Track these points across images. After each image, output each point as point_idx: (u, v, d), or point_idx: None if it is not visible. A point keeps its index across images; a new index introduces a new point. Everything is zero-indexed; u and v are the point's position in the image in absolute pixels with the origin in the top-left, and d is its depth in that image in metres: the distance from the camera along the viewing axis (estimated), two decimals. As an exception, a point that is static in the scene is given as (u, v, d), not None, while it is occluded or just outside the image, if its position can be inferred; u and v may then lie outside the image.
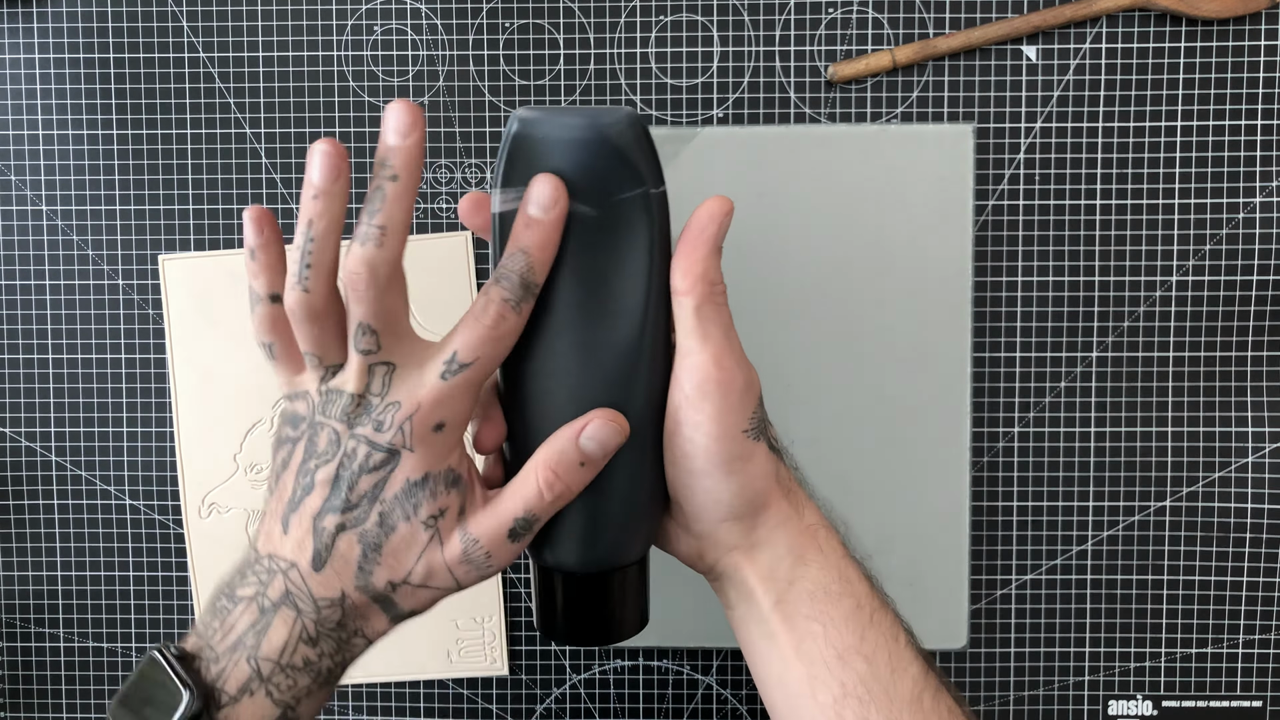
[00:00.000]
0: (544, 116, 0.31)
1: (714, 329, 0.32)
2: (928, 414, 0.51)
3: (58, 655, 0.54)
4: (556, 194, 0.31)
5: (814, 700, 0.33)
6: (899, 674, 0.33)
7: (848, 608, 0.33)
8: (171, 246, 0.52)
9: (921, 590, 0.51)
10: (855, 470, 0.51)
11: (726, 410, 0.32)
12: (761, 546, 0.34)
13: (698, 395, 0.32)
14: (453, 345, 0.31)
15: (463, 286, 0.52)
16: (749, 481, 0.33)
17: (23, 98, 0.52)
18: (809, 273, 0.50)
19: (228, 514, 0.52)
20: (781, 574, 0.34)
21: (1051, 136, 0.51)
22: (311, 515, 0.32)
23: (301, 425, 0.33)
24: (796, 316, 0.51)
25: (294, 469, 0.33)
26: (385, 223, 0.30)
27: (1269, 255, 0.51)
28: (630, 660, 0.53)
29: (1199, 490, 0.51)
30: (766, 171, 0.50)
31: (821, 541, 0.34)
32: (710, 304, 0.32)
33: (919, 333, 0.50)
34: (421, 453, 0.31)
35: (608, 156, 0.31)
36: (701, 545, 0.35)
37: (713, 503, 0.33)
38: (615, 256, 0.32)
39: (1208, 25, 0.50)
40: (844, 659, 0.33)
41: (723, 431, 0.32)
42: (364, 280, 0.30)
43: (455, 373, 0.31)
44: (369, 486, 0.31)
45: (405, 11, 0.51)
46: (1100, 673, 0.52)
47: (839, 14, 0.51)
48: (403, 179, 0.30)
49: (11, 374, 0.53)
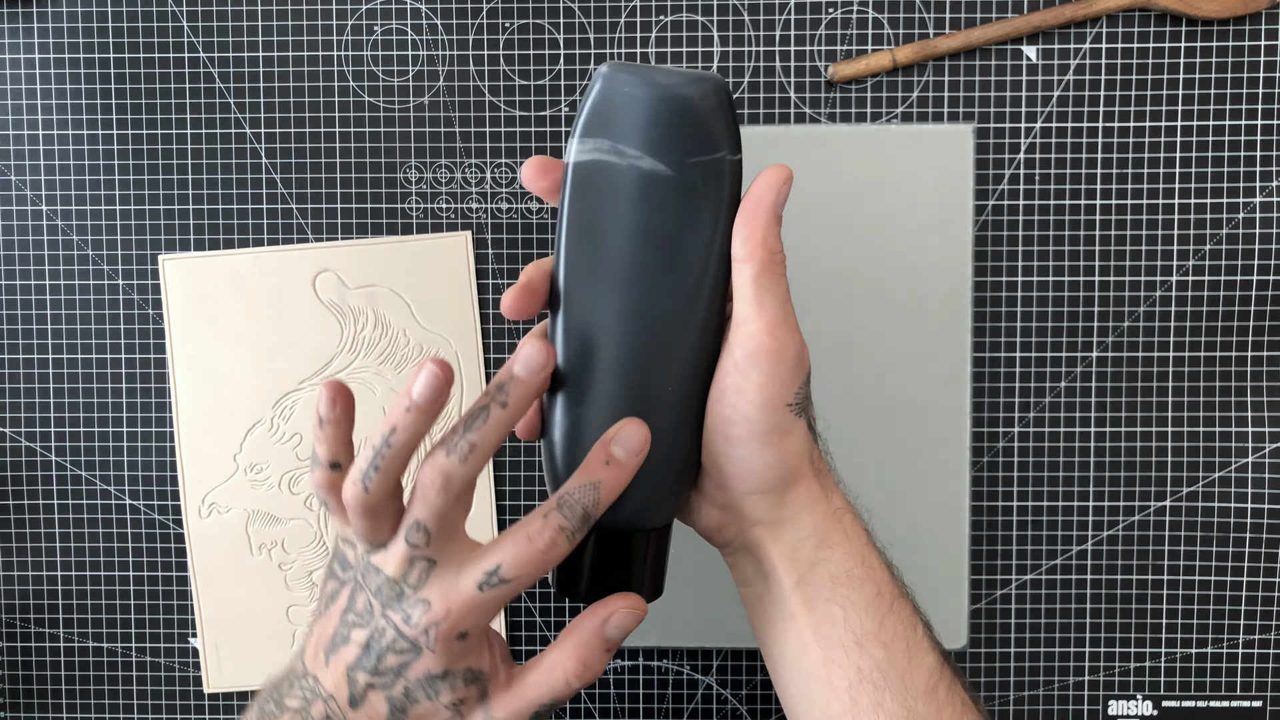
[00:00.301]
0: (632, 73, 0.32)
1: (770, 298, 0.32)
2: (928, 414, 0.51)
3: (58, 655, 0.54)
4: (643, 442, 0.32)
5: (829, 683, 0.33)
6: (916, 663, 0.33)
7: (869, 594, 0.33)
8: (171, 246, 0.52)
9: (921, 590, 0.51)
10: (855, 470, 0.51)
11: (774, 380, 0.32)
12: (786, 524, 0.34)
13: (747, 363, 0.32)
14: (497, 558, 0.32)
15: (463, 286, 0.52)
16: (784, 456, 0.33)
17: (23, 98, 0.52)
18: (809, 272, 0.50)
19: (228, 514, 0.52)
20: (805, 555, 0.34)
21: (1051, 136, 0.51)
22: (346, 665, 0.33)
23: (349, 572, 0.34)
24: (796, 316, 0.51)
25: (338, 610, 0.34)
26: (479, 441, 0.31)
27: (1269, 255, 0.51)
28: (630, 660, 0.53)
29: (1199, 490, 0.51)
30: (766, 171, 0.50)
31: (847, 526, 0.34)
32: (769, 272, 0.32)
33: (919, 333, 0.50)
34: (442, 654, 0.32)
35: (690, 119, 0.32)
36: (725, 517, 0.35)
37: (744, 472, 0.33)
38: (685, 219, 0.32)
39: (1208, 25, 0.50)
40: (862, 644, 0.33)
41: (766, 401, 0.32)
42: (438, 488, 0.31)
43: (494, 586, 0.32)
44: (394, 664, 0.33)
45: (405, 11, 0.51)
46: (1100, 673, 0.52)
47: (839, 14, 0.51)
48: (511, 409, 0.31)
49: (11, 374, 0.53)
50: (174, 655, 0.53)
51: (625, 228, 0.32)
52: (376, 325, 0.52)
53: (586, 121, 0.32)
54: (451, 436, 0.31)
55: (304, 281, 0.52)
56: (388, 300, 0.52)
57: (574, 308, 0.33)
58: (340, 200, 0.52)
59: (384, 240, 0.52)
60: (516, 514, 0.53)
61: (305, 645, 0.35)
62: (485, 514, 0.52)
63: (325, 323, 0.52)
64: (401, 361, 0.52)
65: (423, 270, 0.52)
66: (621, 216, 0.32)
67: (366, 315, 0.52)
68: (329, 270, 0.52)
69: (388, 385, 0.52)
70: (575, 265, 0.33)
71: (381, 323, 0.52)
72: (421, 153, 0.52)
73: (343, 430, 0.33)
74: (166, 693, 0.54)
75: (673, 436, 0.33)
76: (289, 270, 0.52)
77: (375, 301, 0.52)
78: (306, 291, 0.52)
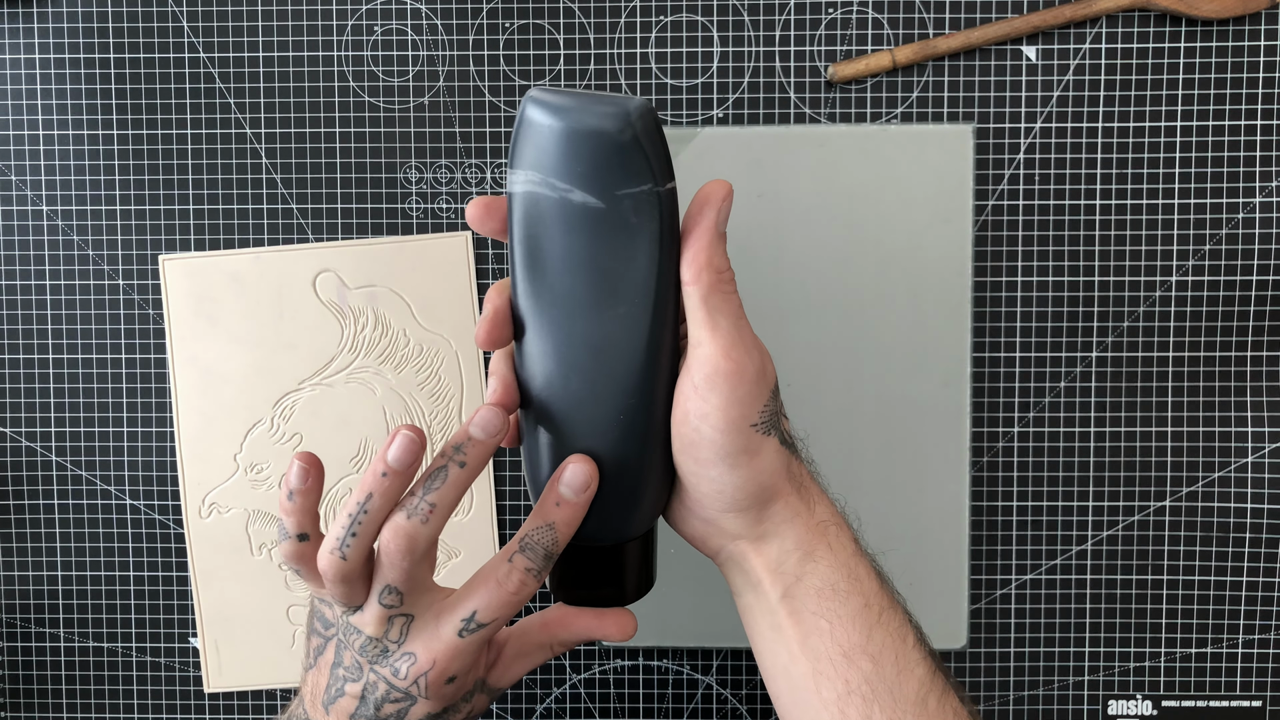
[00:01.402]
0: (555, 101, 0.31)
1: (722, 319, 0.31)
2: (928, 414, 0.51)
3: (58, 655, 0.54)
4: (588, 480, 0.33)
5: (818, 695, 0.33)
6: (905, 675, 0.33)
7: (855, 606, 0.33)
8: (171, 246, 0.52)
9: (921, 590, 0.51)
10: (855, 470, 0.51)
11: (734, 402, 0.31)
12: (769, 539, 0.34)
13: (706, 386, 0.31)
14: (472, 605, 0.33)
15: (463, 286, 0.52)
16: (754, 475, 0.33)
17: (23, 98, 0.52)
18: (809, 273, 0.50)
19: (228, 514, 0.52)
20: (789, 568, 0.34)
21: (1051, 136, 0.51)
22: (348, 715, 0.34)
23: (331, 630, 0.35)
24: (796, 316, 0.51)
25: (327, 665, 0.35)
26: (438, 502, 0.31)
27: (1269, 255, 0.51)
28: (630, 660, 0.53)
29: (1199, 490, 0.51)
30: (766, 171, 0.50)
31: (831, 539, 0.34)
32: (717, 293, 0.31)
33: (919, 333, 0.50)
34: (435, 698, 0.34)
35: (611, 152, 0.30)
36: (707, 530, 0.35)
37: (716, 493, 0.33)
38: (622, 251, 0.32)
39: (1208, 25, 0.50)
40: (849, 657, 0.33)
41: (729, 424, 0.32)
42: (403, 551, 0.32)
43: (472, 631, 0.33)
44: (393, 711, 0.34)
45: (405, 11, 0.51)
46: (1100, 673, 0.52)
47: (839, 14, 0.51)
48: (469, 469, 0.32)
49: (11, 374, 0.53)
50: (174, 655, 0.53)
51: (567, 259, 0.32)
52: (376, 325, 0.52)
53: (516, 153, 0.31)
54: (410, 499, 0.31)
55: (304, 281, 0.52)
56: (388, 300, 0.52)
57: (530, 336, 0.33)
58: (340, 200, 0.52)
59: (384, 240, 0.52)
60: (517, 514, 0.53)
61: (303, 694, 0.36)
62: (486, 516, 0.52)
63: (325, 323, 0.52)
64: (401, 361, 0.52)
65: (423, 270, 0.52)
66: (563, 248, 0.32)
67: (366, 315, 0.52)
68: (329, 270, 0.52)
69: (388, 385, 0.52)
70: (527, 295, 0.33)
71: (381, 323, 0.52)
72: (421, 153, 0.52)
73: (311, 502, 0.34)
74: (166, 693, 0.54)
75: (637, 458, 0.33)
76: (289, 270, 0.52)
77: (375, 301, 0.52)
78: (306, 291, 0.52)
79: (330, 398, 0.52)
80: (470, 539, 0.52)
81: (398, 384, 0.52)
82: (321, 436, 0.52)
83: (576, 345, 0.32)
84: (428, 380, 0.52)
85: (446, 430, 0.52)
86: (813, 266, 0.50)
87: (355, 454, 0.52)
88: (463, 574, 0.52)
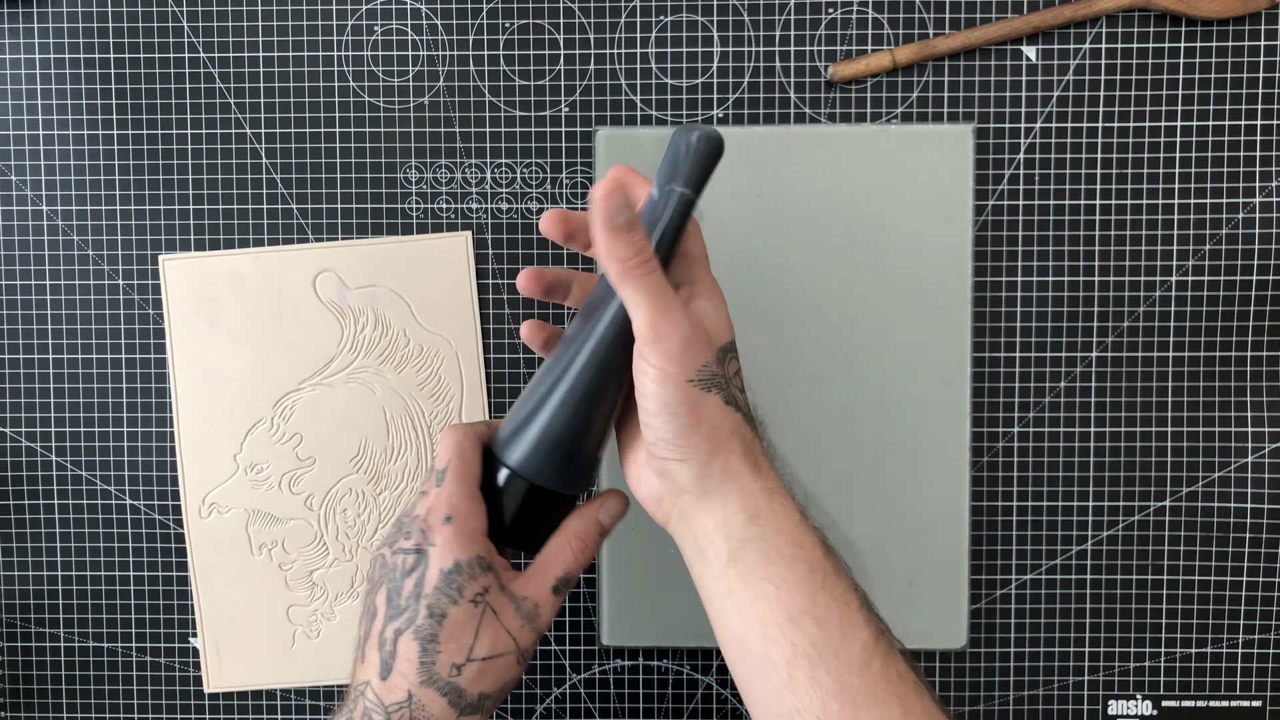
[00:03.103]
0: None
1: (641, 298, 0.35)
2: (928, 414, 0.51)
3: (58, 655, 0.54)
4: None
5: (768, 658, 0.34)
6: (849, 638, 0.34)
7: (800, 571, 0.35)
8: (171, 246, 0.52)
9: (921, 590, 0.51)
10: (855, 470, 0.51)
11: (668, 363, 0.35)
12: (713, 496, 0.36)
13: (640, 353, 0.35)
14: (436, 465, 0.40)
15: (463, 286, 0.52)
16: (694, 425, 0.35)
17: (23, 98, 0.52)
18: (809, 272, 0.50)
19: (228, 514, 0.52)
20: (735, 531, 0.35)
21: (1051, 136, 0.51)
22: (378, 634, 0.37)
23: (375, 592, 0.39)
24: (796, 316, 0.51)
25: (367, 614, 0.39)
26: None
27: (1269, 255, 0.51)
28: (630, 660, 0.53)
29: (1199, 490, 0.51)
30: (766, 171, 0.50)
31: (776, 505, 0.36)
32: (629, 279, 0.35)
33: (919, 333, 0.50)
34: (442, 544, 0.37)
35: None
36: (661, 486, 0.37)
37: (659, 440, 0.36)
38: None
39: (1208, 25, 0.50)
40: (795, 621, 0.34)
41: (664, 378, 0.35)
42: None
43: (440, 478, 0.39)
44: (411, 587, 0.37)
45: (405, 11, 0.51)
46: (1100, 673, 0.52)
47: (839, 14, 0.51)
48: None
49: (11, 374, 0.53)
50: (174, 655, 0.53)
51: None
52: (376, 325, 0.52)
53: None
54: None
55: (304, 281, 0.52)
56: (388, 300, 0.52)
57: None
58: (340, 200, 0.52)
59: (384, 240, 0.52)
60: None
61: (353, 669, 0.39)
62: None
63: (325, 323, 0.52)
64: (401, 361, 0.52)
65: (423, 270, 0.52)
66: None
67: (366, 315, 0.52)
68: (329, 270, 0.52)
69: (388, 385, 0.52)
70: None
71: (381, 323, 0.52)
72: (421, 153, 0.52)
73: None
74: (166, 693, 0.54)
75: (605, 423, 0.39)
76: (289, 270, 0.52)
77: (375, 301, 0.52)
78: (306, 291, 0.52)
79: (330, 398, 0.52)
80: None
81: (398, 384, 0.52)
82: (321, 436, 0.52)
83: (564, 355, 0.38)
84: (428, 380, 0.52)
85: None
86: (813, 266, 0.50)
87: (355, 454, 0.52)
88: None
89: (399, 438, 0.52)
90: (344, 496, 0.52)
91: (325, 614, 0.53)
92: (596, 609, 0.53)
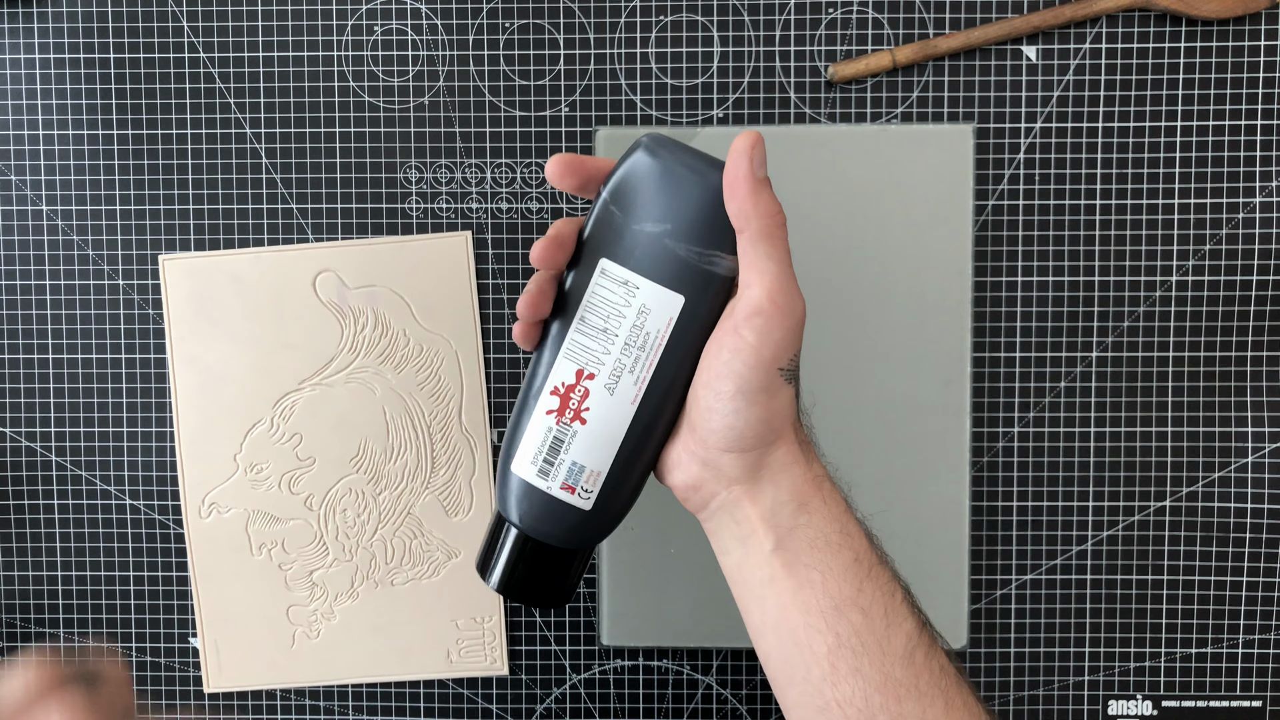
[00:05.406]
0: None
1: (771, 264, 0.33)
2: (928, 414, 0.51)
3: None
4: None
5: (809, 648, 0.33)
6: (893, 628, 0.33)
7: (846, 560, 0.34)
8: (171, 246, 0.52)
9: (921, 590, 0.51)
10: (855, 470, 0.51)
11: (770, 343, 0.32)
12: (765, 484, 0.34)
13: (745, 324, 0.33)
14: None
15: (463, 286, 0.52)
16: (767, 416, 0.33)
17: (23, 98, 0.52)
18: (809, 273, 0.50)
19: (228, 514, 0.52)
20: (783, 519, 0.34)
21: (1051, 136, 0.51)
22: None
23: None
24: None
25: None
26: None
27: (1269, 255, 0.51)
28: (630, 660, 0.53)
29: (1199, 490, 0.51)
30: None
31: (825, 493, 0.35)
32: (765, 238, 0.32)
33: (919, 333, 0.50)
34: None
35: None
36: (704, 474, 0.35)
37: (726, 428, 0.34)
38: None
39: (1208, 25, 0.50)
40: (840, 610, 0.33)
41: (759, 362, 0.33)
42: None
43: None
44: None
45: (405, 11, 0.51)
46: (1100, 673, 0.52)
47: (839, 14, 0.51)
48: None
49: (11, 374, 0.53)
50: (174, 655, 0.53)
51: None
52: (376, 325, 0.52)
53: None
54: None
55: (304, 281, 0.52)
56: (388, 300, 0.52)
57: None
58: (340, 200, 0.52)
59: (384, 240, 0.52)
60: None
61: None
62: (486, 517, 0.52)
63: (325, 323, 0.52)
64: (401, 361, 0.52)
65: (423, 270, 0.52)
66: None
67: (366, 315, 0.52)
68: (329, 270, 0.52)
69: (388, 385, 0.52)
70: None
71: (381, 323, 0.52)
72: (421, 153, 0.52)
73: None
74: (166, 693, 0.54)
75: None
76: (289, 270, 0.52)
77: (375, 301, 0.52)
78: (306, 291, 0.52)
79: (330, 398, 0.52)
80: (470, 540, 0.52)
81: (398, 384, 0.52)
82: (321, 436, 0.52)
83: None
84: (428, 380, 0.52)
85: (446, 430, 0.52)
86: (813, 266, 0.50)
87: (355, 454, 0.52)
88: (462, 574, 0.52)
89: (399, 438, 0.52)
90: (344, 496, 0.52)
91: (325, 614, 0.53)
92: (596, 609, 0.53)
